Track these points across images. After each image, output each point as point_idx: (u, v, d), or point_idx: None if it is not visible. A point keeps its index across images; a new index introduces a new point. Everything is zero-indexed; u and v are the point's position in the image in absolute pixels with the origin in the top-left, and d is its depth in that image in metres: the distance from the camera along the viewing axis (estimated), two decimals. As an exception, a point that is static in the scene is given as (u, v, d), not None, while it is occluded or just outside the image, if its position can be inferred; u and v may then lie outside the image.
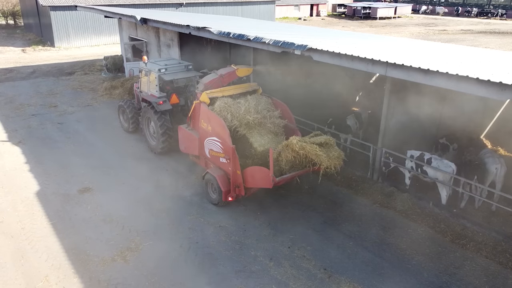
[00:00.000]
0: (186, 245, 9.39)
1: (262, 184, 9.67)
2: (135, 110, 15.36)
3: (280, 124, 11.13)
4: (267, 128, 10.89)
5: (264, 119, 10.85)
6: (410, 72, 7.84)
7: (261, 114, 10.84)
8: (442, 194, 10.50)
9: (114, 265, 8.71)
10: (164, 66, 13.50)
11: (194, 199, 11.24)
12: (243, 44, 12.26)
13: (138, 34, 23.11)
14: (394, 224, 10.20)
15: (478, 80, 6.77)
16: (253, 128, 10.71)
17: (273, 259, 8.93)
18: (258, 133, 10.72)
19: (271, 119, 10.99)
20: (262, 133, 10.77)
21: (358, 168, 12.44)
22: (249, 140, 10.56)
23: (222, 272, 8.56)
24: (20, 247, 9.26)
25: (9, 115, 18.02)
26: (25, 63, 28.84)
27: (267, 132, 10.86)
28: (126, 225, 10.10)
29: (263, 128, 10.85)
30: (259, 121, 10.75)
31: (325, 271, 8.62)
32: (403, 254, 9.12)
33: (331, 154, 9.29)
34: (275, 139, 10.74)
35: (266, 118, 10.90)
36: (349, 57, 8.89)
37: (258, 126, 10.76)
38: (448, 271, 8.60)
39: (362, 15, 65.27)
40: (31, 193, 11.50)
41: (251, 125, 10.66)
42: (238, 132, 10.65)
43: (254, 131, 10.70)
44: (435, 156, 10.68)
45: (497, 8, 70.31)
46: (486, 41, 42.12)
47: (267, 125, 10.89)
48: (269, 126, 10.89)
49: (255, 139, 10.55)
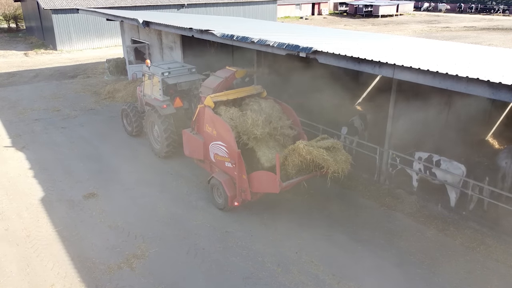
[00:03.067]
0: (192, 251, 9.30)
1: (269, 189, 9.56)
2: (139, 114, 15.29)
3: (290, 135, 10.65)
4: (276, 140, 10.42)
5: (274, 131, 10.35)
6: (418, 74, 7.71)
7: (270, 126, 10.34)
8: (451, 197, 10.36)
9: (121, 273, 8.63)
10: (167, 70, 13.42)
11: (200, 204, 11.15)
12: (247, 46, 12.15)
13: (140, 36, 23.04)
14: (402, 228, 10.07)
15: (489, 82, 6.64)
16: (261, 140, 10.24)
17: (280, 265, 8.83)
18: (266, 145, 10.25)
19: (282, 129, 10.48)
20: (270, 146, 10.28)
21: (365, 170, 12.32)
22: (256, 153, 10.20)
23: (230, 279, 8.47)
24: (25, 255, 9.19)
25: (13, 120, 17.98)
26: (28, 67, 28.83)
27: (275, 144, 10.37)
28: (132, 231, 10.02)
29: (271, 140, 10.36)
30: (269, 133, 10.31)
31: (334, 276, 8.51)
32: (412, 259, 8.99)
33: (338, 158, 9.18)
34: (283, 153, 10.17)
35: (277, 130, 10.38)
36: (355, 59, 8.76)
37: (267, 138, 10.29)
38: (459, 276, 8.47)
39: (364, 13, 65.05)
40: (36, 199, 11.44)
41: (258, 138, 10.17)
42: (246, 146, 10.24)
43: (262, 144, 10.25)
44: (444, 158, 10.53)
45: (499, 3, 69.92)
46: (490, 37, 41.86)
47: (277, 136, 10.41)
48: (278, 139, 10.40)
49: (262, 153, 10.16)
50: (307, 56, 10.02)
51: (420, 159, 10.92)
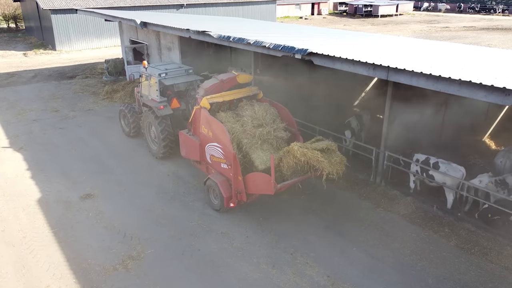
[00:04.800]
0: (188, 252, 9.33)
1: (264, 190, 9.59)
2: (136, 115, 15.31)
3: (284, 138, 10.68)
4: (270, 143, 10.46)
5: (267, 135, 10.41)
6: (412, 76, 7.73)
7: (263, 130, 10.42)
8: (448, 199, 10.37)
9: (116, 274, 8.66)
10: (165, 71, 13.44)
11: (196, 205, 11.18)
12: (244, 48, 12.17)
13: (139, 37, 23.07)
14: (397, 229, 10.09)
15: (481, 85, 6.66)
16: (254, 143, 10.32)
17: (275, 266, 8.85)
18: (260, 148, 10.32)
19: (275, 132, 10.53)
20: (264, 148, 10.34)
21: (361, 171, 12.34)
22: (250, 156, 10.25)
23: (225, 280, 8.49)
24: (21, 256, 9.22)
25: (11, 120, 18.01)
26: (27, 67, 28.86)
27: (269, 147, 10.42)
28: (128, 232, 10.05)
29: (265, 143, 10.41)
30: (264, 138, 10.37)
31: (328, 278, 8.53)
32: (407, 260, 9.01)
33: (333, 159, 9.19)
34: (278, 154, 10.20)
35: (270, 133, 10.44)
36: (350, 61, 8.78)
37: (261, 141, 10.35)
38: (453, 277, 8.49)
39: (363, 13, 65.02)
40: (33, 200, 11.47)
41: (253, 141, 10.28)
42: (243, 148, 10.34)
43: (255, 146, 10.31)
44: (442, 160, 10.51)
45: (499, 3, 69.92)
46: (489, 37, 41.86)
47: (270, 140, 10.45)
48: (271, 142, 10.44)
49: (256, 155, 10.19)
50: (302, 58, 10.04)
51: (417, 161, 10.92)
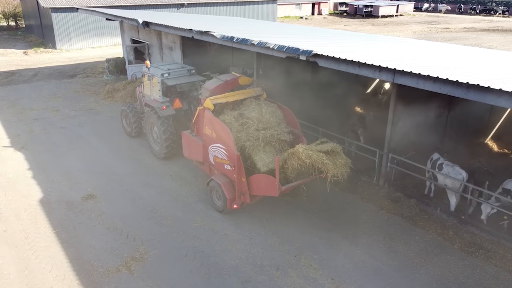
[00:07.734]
0: (191, 254, 9.29)
1: (268, 192, 9.55)
2: (138, 115, 15.25)
3: (287, 141, 10.62)
4: (272, 146, 10.41)
5: (270, 137, 10.35)
6: (419, 79, 7.70)
7: (266, 133, 10.36)
8: (451, 201, 10.35)
9: (119, 276, 8.62)
10: (167, 71, 13.39)
11: (199, 206, 11.13)
12: (247, 48, 12.12)
13: (140, 36, 23.00)
14: (401, 231, 10.07)
15: (489, 89, 6.63)
16: (257, 145, 10.27)
17: (279, 269, 8.82)
18: (263, 150, 10.28)
19: (278, 135, 10.46)
20: (267, 150, 10.30)
21: (364, 173, 12.30)
22: (253, 158, 10.21)
23: (228, 283, 8.45)
24: (24, 257, 9.17)
25: (12, 119, 17.93)
26: (27, 65, 28.77)
27: (272, 149, 10.37)
28: (131, 233, 10.00)
29: (268, 145, 10.36)
30: (267, 140, 10.32)
31: (333, 280, 8.50)
32: (411, 263, 8.99)
33: (338, 162, 9.15)
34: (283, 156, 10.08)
35: (273, 136, 10.38)
36: (355, 63, 8.74)
37: (264, 144, 10.29)
38: (458, 280, 8.47)
39: (364, 14, 65.00)
40: (35, 201, 11.41)
41: (256, 144, 10.24)
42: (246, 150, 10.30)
43: (258, 148, 10.27)
44: (448, 162, 10.50)
45: (499, 5, 69.94)
46: (489, 39, 41.86)
47: (273, 143, 10.41)
48: (274, 144, 10.40)
49: (259, 158, 10.16)
50: (307, 59, 10.00)
51: (431, 160, 10.93)
